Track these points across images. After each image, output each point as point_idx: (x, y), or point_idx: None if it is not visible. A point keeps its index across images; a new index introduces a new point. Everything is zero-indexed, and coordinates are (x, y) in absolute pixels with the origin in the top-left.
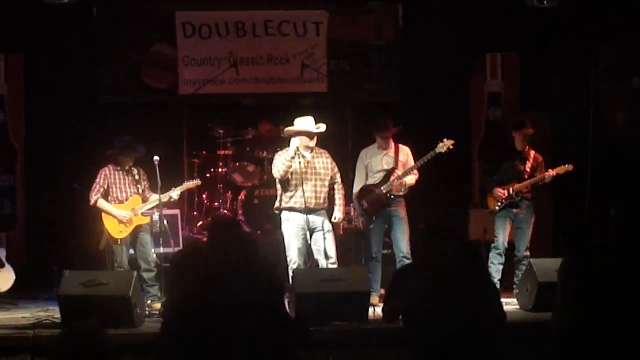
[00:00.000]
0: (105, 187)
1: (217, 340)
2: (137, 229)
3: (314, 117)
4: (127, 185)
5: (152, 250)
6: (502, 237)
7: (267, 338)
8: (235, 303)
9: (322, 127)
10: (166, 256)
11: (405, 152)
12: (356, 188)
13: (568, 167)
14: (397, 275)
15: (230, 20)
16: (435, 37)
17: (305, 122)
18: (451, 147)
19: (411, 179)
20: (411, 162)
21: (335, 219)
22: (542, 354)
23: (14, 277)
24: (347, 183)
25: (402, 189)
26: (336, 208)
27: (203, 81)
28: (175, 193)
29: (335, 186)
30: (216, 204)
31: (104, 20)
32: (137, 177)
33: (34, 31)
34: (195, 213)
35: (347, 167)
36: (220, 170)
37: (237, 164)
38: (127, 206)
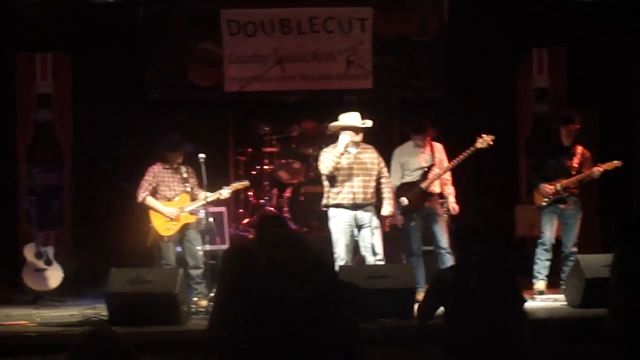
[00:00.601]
0: (154, 185)
1: (274, 335)
2: (185, 227)
3: (359, 113)
4: (175, 183)
5: (200, 247)
6: (549, 233)
7: (325, 336)
8: (293, 296)
9: (368, 123)
10: (212, 253)
11: (439, 149)
12: (393, 186)
13: (617, 163)
14: (434, 278)
15: (275, 17)
16: (481, 32)
17: (350, 118)
18: (491, 143)
19: (452, 194)
20: (445, 158)
21: (386, 212)
22: (590, 351)
23: (62, 275)
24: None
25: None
26: (385, 202)
27: (249, 79)
28: (226, 192)
29: (383, 180)
30: (262, 201)
31: (149, 18)
32: (185, 175)
33: (80, 30)
34: (241, 210)
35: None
36: (266, 167)
37: (283, 161)
38: (175, 204)
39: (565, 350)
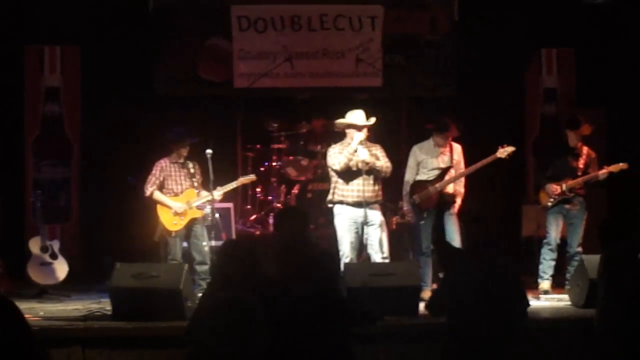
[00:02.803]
0: (161, 179)
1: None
2: (192, 222)
3: (368, 111)
4: (182, 178)
5: (206, 243)
6: (554, 233)
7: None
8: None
9: (372, 120)
10: (217, 249)
11: (458, 151)
12: (407, 183)
13: (622, 165)
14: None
15: (285, 14)
16: (490, 32)
17: (354, 115)
18: (511, 154)
19: (461, 197)
20: (463, 160)
21: None
22: (593, 350)
23: (67, 269)
24: (401, 177)
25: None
26: None
27: (258, 75)
28: (219, 193)
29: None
30: (270, 197)
31: (160, 13)
32: (192, 170)
33: (90, 23)
34: (248, 207)
35: (401, 162)
36: (274, 164)
37: (291, 157)
38: (182, 199)
39: (569, 350)
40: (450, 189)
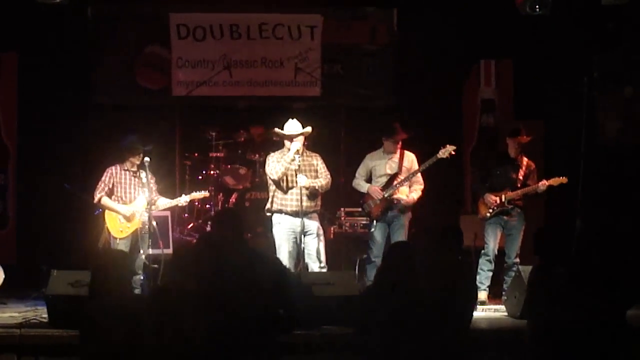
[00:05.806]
0: (110, 186)
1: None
2: (136, 233)
3: (306, 120)
4: (132, 186)
5: (142, 251)
6: (492, 244)
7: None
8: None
9: (307, 129)
10: (154, 257)
11: (410, 158)
12: (359, 187)
13: (562, 179)
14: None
15: (224, 22)
16: (429, 43)
17: (289, 125)
18: (453, 152)
19: (417, 193)
20: (415, 168)
21: (303, 182)
22: None
23: (3, 276)
24: (339, 187)
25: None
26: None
27: (196, 83)
28: (183, 199)
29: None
30: (207, 206)
31: (98, 20)
32: (145, 180)
33: (28, 30)
34: (186, 215)
35: (339, 171)
36: (212, 172)
37: (229, 166)
38: (130, 207)
39: None
40: (403, 195)
